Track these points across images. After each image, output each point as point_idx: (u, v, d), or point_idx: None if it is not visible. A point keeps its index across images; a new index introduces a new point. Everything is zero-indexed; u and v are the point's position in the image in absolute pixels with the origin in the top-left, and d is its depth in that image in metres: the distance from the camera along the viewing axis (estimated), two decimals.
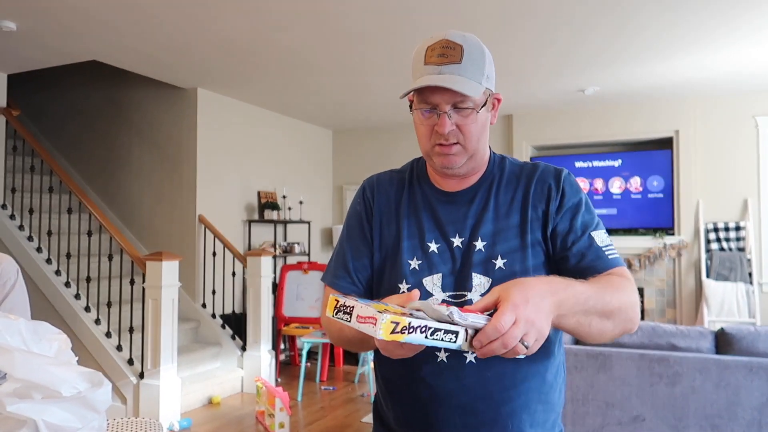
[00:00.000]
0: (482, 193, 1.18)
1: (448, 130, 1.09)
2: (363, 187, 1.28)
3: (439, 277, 1.14)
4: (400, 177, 1.27)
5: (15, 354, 0.69)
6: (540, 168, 1.20)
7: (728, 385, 2.69)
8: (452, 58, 1.07)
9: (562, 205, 1.15)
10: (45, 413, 0.70)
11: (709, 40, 4.10)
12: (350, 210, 1.29)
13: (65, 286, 4.48)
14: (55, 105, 6.26)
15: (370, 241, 1.22)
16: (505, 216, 1.15)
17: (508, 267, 1.12)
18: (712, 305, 5.40)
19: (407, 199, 1.23)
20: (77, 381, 0.71)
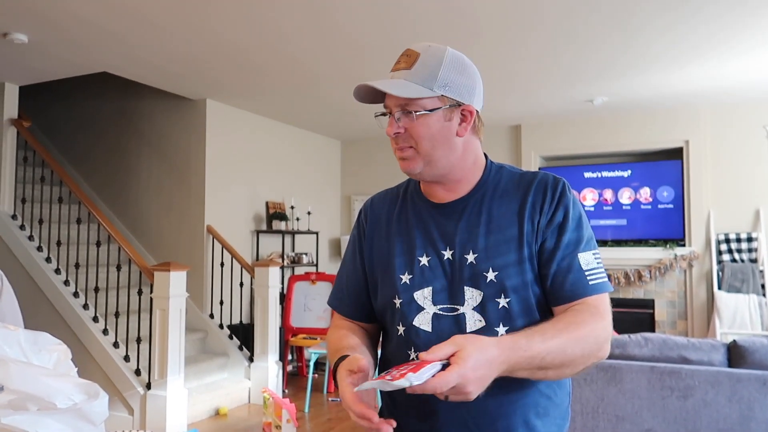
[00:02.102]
0: (473, 205, 1.16)
1: (394, 132, 1.12)
2: (359, 212, 1.32)
3: (429, 290, 1.14)
4: (394, 193, 1.29)
5: (10, 365, 0.69)
6: (538, 177, 1.17)
7: (741, 398, 2.64)
8: (404, 65, 1.11)
9: (552, 219, 1.12)
10: (40, 425, 0.69)
11: (718, 50, 4.08)
12: (350, 235, 1.33)
13: (74, 296, 4.49)
14: (66, 117, 6.32)
15: (364, 263, 1.25)
16: (500, 228, 1.13)
17: (500, 280, 1.09)
18: (724, 317, 5.33)
19: (399, 214, 1.24)
20: (73, 392, 0.70)
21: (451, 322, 1.11)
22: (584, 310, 1.06)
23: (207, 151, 5.45)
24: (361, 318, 1.28)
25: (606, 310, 1.09)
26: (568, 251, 1.10)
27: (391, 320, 1.19)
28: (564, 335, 1.01)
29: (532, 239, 1.11)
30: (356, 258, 1.28)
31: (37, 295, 4.54)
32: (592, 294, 1.08)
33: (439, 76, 1.10)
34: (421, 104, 1.10)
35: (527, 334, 0.99)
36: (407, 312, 1.14)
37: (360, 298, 1.27)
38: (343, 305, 1.29)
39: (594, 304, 1.08)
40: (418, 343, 1.12)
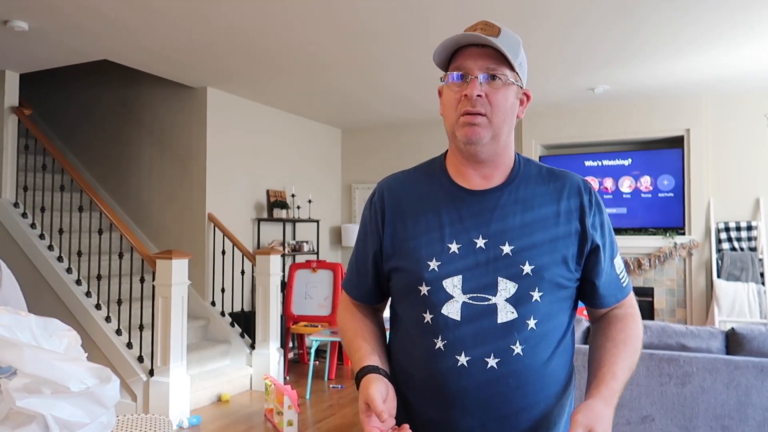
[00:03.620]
0: (508, 194, 1.14)
1: (476, 93, 1.08)
2: (373, 193, 1.26)
3: (459, 278, 1.10)
4: (415, 175, 1.24)
5: (24, 349, 0.70)
6: (570, 176, 1.19)
7: (739, 385, 2.67)
8: (490, 31, 1.09)
9: (595, 223, 1.15)
10: (54, 408, 0.71)
11: (720, 39, 4.07)
12: (362, 216, 1.28)
13: (76, 283, 4.51)
14: (68, 105, 6.32)
15: (379, 247, 1.20)
16: (540, 223, 1.12)
17: (536, 273, 1.09)
18: (723, 305, 5.36)
19: (424, 197, 1.18)
20: (86, 376, 0.72)
21: (481, 312, 1.08)
22: (626, 316, 1.19)
23: (208, 140, 5.45)
24: (371, 301, 1.28)
25: (636, 304, 1.23)
26: (610, 258, 1.17)
27: (412, 306, 1.15)
28: (629, 356, 1.13)
29: (571, 240, 1.12)
30: (368, 241, 1.23)
31: (39, 283, 4.56)
32: (627, 295, 1.21)
33: (519, 53, 1.12)
34: (506, 73, 1.10)
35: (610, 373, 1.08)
36: (435, 300, 1.10)
37: (372, 282, 1.25)
38: (354, 289, 1.28)
39: (630, 304, 1.21)
40: (447, 331, 1.09)
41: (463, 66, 1.10)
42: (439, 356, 1.09)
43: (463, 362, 1.07)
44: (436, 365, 1.09)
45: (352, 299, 1.29)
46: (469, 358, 1.07)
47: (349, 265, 1.31)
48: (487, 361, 1.07)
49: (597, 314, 1.23)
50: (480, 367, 1.07)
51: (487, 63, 1.09)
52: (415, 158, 7.00)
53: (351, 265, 1.29)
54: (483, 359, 1.07)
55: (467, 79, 1.10)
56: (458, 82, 1.11)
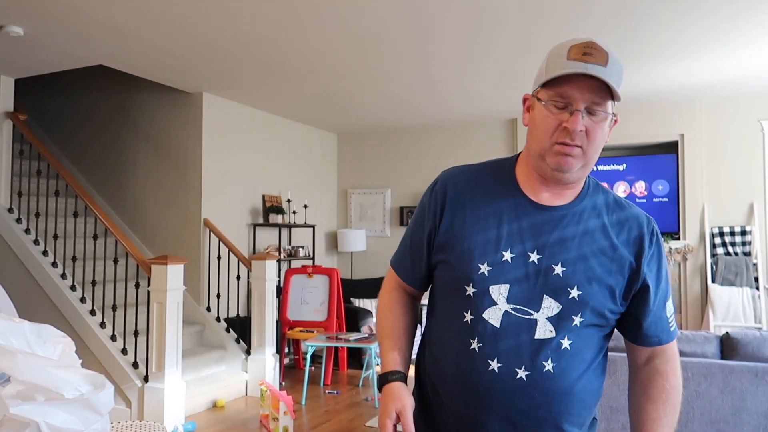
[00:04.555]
0: (572, 216, 1.14)
1: (579, 129, 1.06)
2: (436, 181, 1.26)
3: (506, 288, 1.11)
4: (482, 175, 1.23)
5: (18, 356, 0.70)
6: (636, 212, 1.18)
7: (734, 390, 2.68)
8: (598, 59, 1.05)
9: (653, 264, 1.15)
10: (47, 415, 0.71)
11: (715, 45, 4.09)
12: (420, 201, 1.28)
13: (71, 289, 4.49)
14: (63, 110, 6.31)
15: (434, 236, 1.21)
16: (597, 250, 1.12)
17: (582, 299, 1.10)
18: (718, 310, 5.37)
19: (487, 198, 1.18)
20: (80, 383, 0.72)
21: (521, 325, 1.10)
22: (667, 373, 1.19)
23: (204, 145, 5.45)
24: (416, 285, 1.29)
25: (677, 351, 1.23)
26: (662, 299, 1.17)
27: (455, 303, 1.17)
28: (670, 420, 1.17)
29: (623, 272, 1.13)
30: (425, 228, 1.23)
31: (34, 288, 4.54)
32: (672, 340, 1.20)
33: (621, 82, 1.08)
34: (608, 107, 1.08)
35: None
36: (479, 303, 1.12)
37: (420, 267, 1.26)
38: (403, 270, 1.29)
39: (672, 352, 1.21)
40: (484, 336, 1.11)
41: (567, 94, 1.07)
42: (472, 356, 1.12)
43: (494, 367, 1.10)
44: (468, 365, 1.12)
45: (402, 281, 1.30)
46: (500, 365, 1.10)
47: (401, 246, 1.32)
48: (517, 371, 1.09)
49: (636, 354, 1.23)
50: (510, 375, 1.10)
51: (593, 96, 1.06)
52: (412, 161, 7.03)
53: (404, 247, 1.30)
54: (514, 369, 1.09)
55: (569, 109, 1.07)
56: (559, 111, 1.08)
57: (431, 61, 4.49)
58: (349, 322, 5.92)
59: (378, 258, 7.21)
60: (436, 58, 4.44)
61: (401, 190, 7.16)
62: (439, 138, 6.97)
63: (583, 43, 1.06)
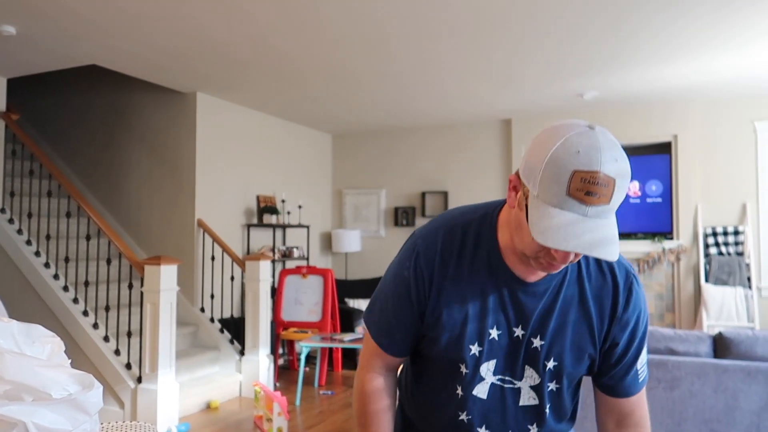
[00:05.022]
0: (553, 288, 1.13)
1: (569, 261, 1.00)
2: (416, 252, 1.16)
3: (493, 363, 1.16)
4: (465, 241, 1.15)
5: (5, 355, 0.69)
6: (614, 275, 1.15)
7: (726, 389, 2.69)
8: (602, 198, 0.93)
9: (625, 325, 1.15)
10: (35, 415, 0.70)
11: (708, 46, 4.11)
12: (398, 271, 1.19)
13: (63, 290, 4.47)
14: (55, 110, 6.28)
15: (422, 311, 1.17)
16: (572, 320, 1.13)
17: (557, 369, 1.15)
18: (711, 310, 5.39)
19: (472, 271, 1.14)
20: (68, 383, 0.71)
21: (506, 393, 1.16)
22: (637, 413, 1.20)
23: (197, 145, 5.43)
24: (402, 355, 1.25)
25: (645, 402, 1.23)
26: (633, 355, 1.17)
27: (446, 376, 1.19)
28: None
29: (600, 339, 1.15)
30: (411, 302, 1.17)
31: (26, 289, 4.52)
32: (639, 391, 1.20)
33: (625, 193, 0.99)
34: None
35: None
36: (470, 380, 1.16)
37: (407, 339, 1.22)
38: (388, 344, 1.22)
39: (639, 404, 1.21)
40: (473, 408, 1.17)
41: None
42: (461, 426, 1.18)
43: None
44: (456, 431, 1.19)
45: (387, 354, 1.24)
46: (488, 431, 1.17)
47: (381, 317, 1.22)
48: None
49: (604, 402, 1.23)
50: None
51: None
52: (406, 164, 7.03)
53: (386, 319, 1.21)
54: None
55: None
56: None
57: (428, 62, 4.49)
58: (343, 322, 5.91)
59: (372, 258, 7.20)
60: (434, 60, 4.44)
61: (396, 190, 7.15)
62: (434, 139, 6.97)
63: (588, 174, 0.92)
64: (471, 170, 6.78)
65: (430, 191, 6.91)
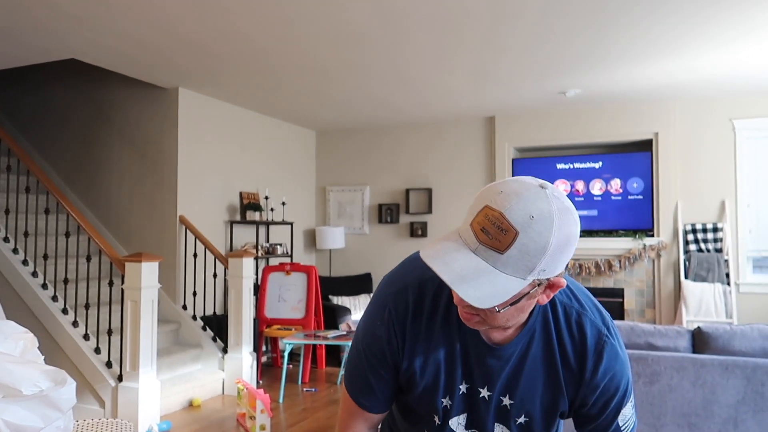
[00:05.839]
0: (521, 350, 1.11)
1: (462, 304, 0.98)
2: (388, 310, 1.14)
3: (464, 417, 1.17)
4: (434, 301, 1.13)
5: None
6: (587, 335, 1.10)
7: (705, 383, 2.72)
8: (495, 242, 0.89)
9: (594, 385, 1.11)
10: (5, 413, 0.69)
11: (688, 45, 4.16)
12: (370, 329, 1.17)
13: (42, 287, 4.40)
14: (34, 105, 6.17)
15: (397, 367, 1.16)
16: (540, 379, 1.12)
17: (528, 425, 1.16)
18: (690, 305, 5.47)
19: (444, 331, 1.13)
20: (39, 379, 0.70)
21: None
22: None
23: (179, 141, 5.37)
24: (383, 411, 1.24)
25: None
26: (610, 416, 1.14)
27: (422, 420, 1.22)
28: None
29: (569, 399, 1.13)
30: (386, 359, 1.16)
31: (3, 286, 4.44)
32: None
33: (537, 267, 0.90)
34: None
35: None
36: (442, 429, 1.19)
37: (386, 394, 1.21)
38: (378, 404, 1.21)
39: None
40: None
41: None
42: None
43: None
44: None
45: (369, 413, 1.22)
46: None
47: (358, 375, 1.20)
48: None
49: None
50: None
51: None
52: (390, 161, 7.03)
53: (363, 377, 1.19)
54: None
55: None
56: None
57: (408, 58, 4.49)
58: (327, 319, 5.90)
59: (356, 255, 7.20)
60: (413, 56, 4.44)
61: (380, 187, 7.15)
62: (418, 136, 6.98)
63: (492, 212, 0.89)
64: (455, 167, 6.79)
65: (414, 188, 6.91)
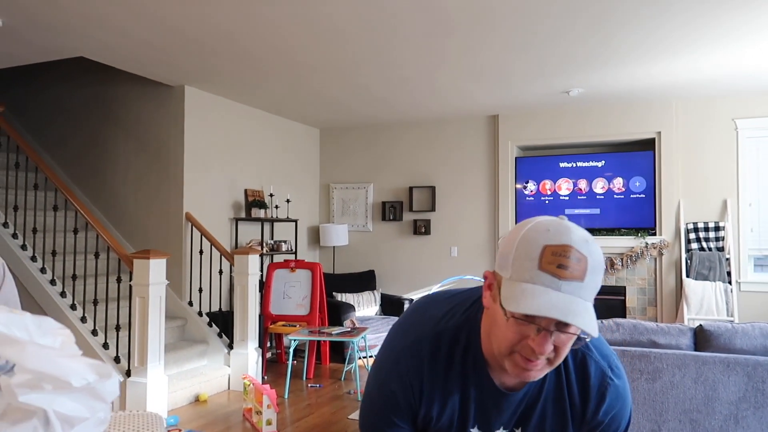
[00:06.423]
0: (533, 391, 1.16)
1: (548, 351, 0.96)
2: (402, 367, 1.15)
3: None
4: (449, 353, 1.14)
5: (27, 346, 0.72)
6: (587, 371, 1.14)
7: (706, 380, 2.77)
8: (575, 273, 0.92)
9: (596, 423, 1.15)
10: (55, 403, 0.73)
11: (691, 46, 4.19)
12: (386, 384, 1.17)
13: (51, 283, 4.45)
14: (41, 102, 6.21)
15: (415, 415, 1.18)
16: (548, 414, 1.16)
17: None
18: (692, 304, 5.51)
19: (458, 380, 1.15)
20: (86, 372, 0.74)
21: None
22: None
23: (185, 138, 5.42)
24: None
25: None
26: None
27: None
28: None
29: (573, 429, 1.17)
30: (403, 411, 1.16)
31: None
32: None
33: (598, 287, 0.96)
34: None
35: None
36: None
37: None
38: None
39: None
40: None
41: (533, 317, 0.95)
42: None
43: None
44: None
45: None
46: None
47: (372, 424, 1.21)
48: None
49: None
50: None
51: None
52: (394, 158, 7.06)
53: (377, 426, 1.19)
54: None
55: (536, 328, 0.95)
56: (524, 324, 0.96)
57: (416, 58, 4.53)
58: (331, 316, 5.95)
59: (360, 253, 7.24)
60: (420, 56, 4.47)
61: (383, 185, 7.19)
62: (422, 134, 7.01)
63: (559, 248, 0.92)
64: (458, 165, 6.83)
65: (417, 186, 6.95)
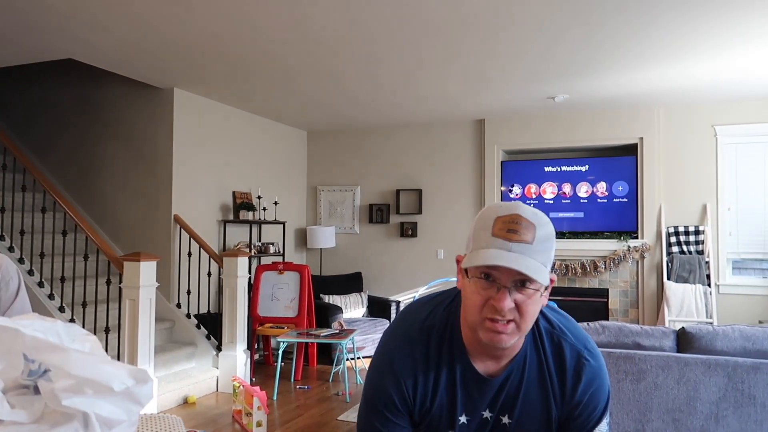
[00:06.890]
0: (516, 374, 1.21)
1: (508, 308, 1.05)
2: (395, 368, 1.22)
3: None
4: (436, 347, 1.23)
5: (71, 353, 0.77)
6: (563, 353, 1.21)
7: (688, 381, 2.86)
8: (523, 236, 1.04)
9: (575, 403, 1.21)
10: (96, 407, 0.77)
11: (674, 54, 4.31)
12: (380, 387, 1.24)
13: (38, 285, 4.44)
14: (28, 103, 6.16)
15: (411, 413, 1.24)
16: (532, 397, 1.22)
17: None
18: (673, 306, 5.64)
19: (445, 377, 1.22)
20: (126, 377, 0.79)
21: None
22: None
23: (174, 140, 5.42)
24: None
25: None
26: (588, 429, 1.23)
27: None
28: None
29: (560, 416, 1.23)
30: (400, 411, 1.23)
31: None
32: None
33: (552, 254, 1.08)
34: (536, 282, 1.05)
35: None
36: None
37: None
38: None
39: None
40: None
41: (492, 273, 1.05)
42: None
43: None
44: None
45: None
46: None
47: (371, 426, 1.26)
48: None
49: None
50: None
51: (521, 276, 1.04)
52: (381, 161, 7.12)
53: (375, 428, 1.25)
54: None
55: (496, 287, 1.06)
56: (485, 283, 1.07)
57: (403, 62, 4.59)
58: (319, 318, 5.99)
59: (347, 255, 7.28)
60: (407, 60, 4.53)
61: (370, 187, 7.24)
62: (409, 137, 7.08)
63: (508, 216, 1.06)
64: (444, 168, 6.91)
65: (404, 189, 7.02)
